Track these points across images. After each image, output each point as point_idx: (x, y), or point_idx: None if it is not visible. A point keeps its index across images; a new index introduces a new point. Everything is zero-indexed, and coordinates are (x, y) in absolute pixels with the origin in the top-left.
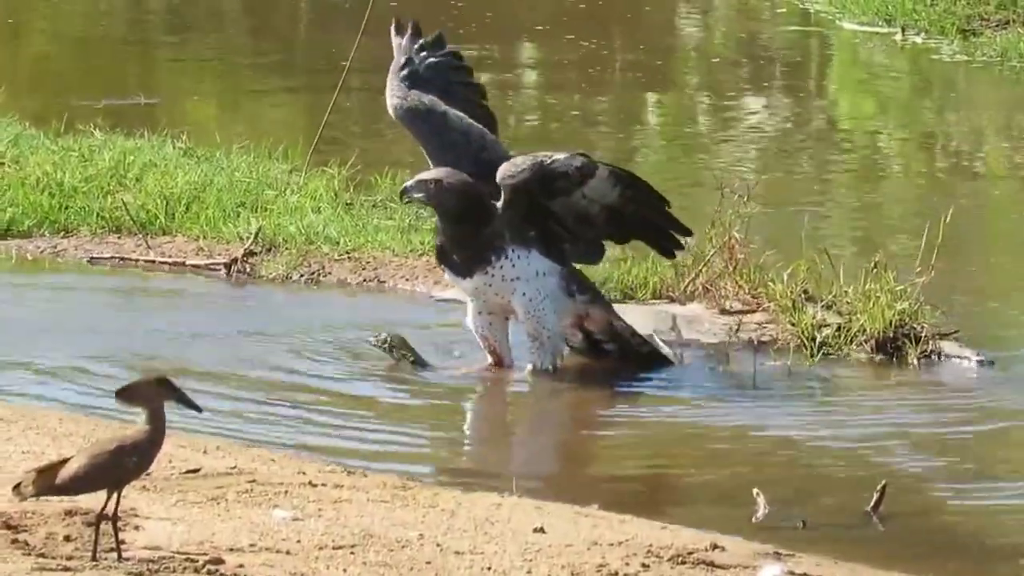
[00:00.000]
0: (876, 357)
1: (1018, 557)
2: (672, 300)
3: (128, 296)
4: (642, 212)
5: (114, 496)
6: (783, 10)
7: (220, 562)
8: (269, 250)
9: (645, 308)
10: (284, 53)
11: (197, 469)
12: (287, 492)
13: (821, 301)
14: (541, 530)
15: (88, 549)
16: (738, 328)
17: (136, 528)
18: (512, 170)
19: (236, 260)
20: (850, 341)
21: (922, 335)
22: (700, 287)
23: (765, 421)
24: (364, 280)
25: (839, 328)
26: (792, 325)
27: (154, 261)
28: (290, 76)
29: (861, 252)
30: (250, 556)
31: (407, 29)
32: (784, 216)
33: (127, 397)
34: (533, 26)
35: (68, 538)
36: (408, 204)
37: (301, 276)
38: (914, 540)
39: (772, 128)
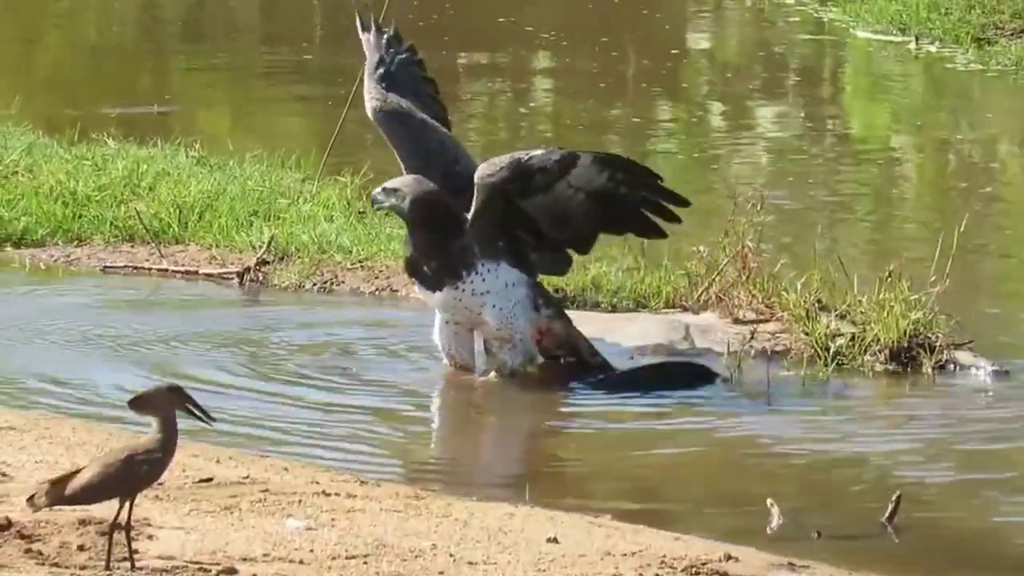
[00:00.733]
0: (890, 367)
1: None
2: (685, 309)
3: (140, 305)
4: (634, 191)
5: (127, 505)
6: (797, 18)
7: (233, 572)
8: (282, 259)
9: (658, 317)
10: (297, 62)
11: (210, 478)
12: (300, 502)
13: (835, 310)
14: (554, 540)
15: (101, 558)
16: (751, 337)
17: (149, 537)
18: (491, 169)
19: (249, 269)
20: (864, 351)
21: (937, 345)
22: (713, 296)
23: (779, 431)
24: (377, 289)
25: (853, 338)
26: (806, 335)
27: (167, 270)
28: (303, 85)
29: (875, 261)
30: (263, 566)
31: (371, 24)
32: (797, 225)
33: (139, 406)
34: (545, 33)
35: (82, 547)
36: (379, 212)
37: (314, 285)
38: (929, 551)
39: (785, 136)
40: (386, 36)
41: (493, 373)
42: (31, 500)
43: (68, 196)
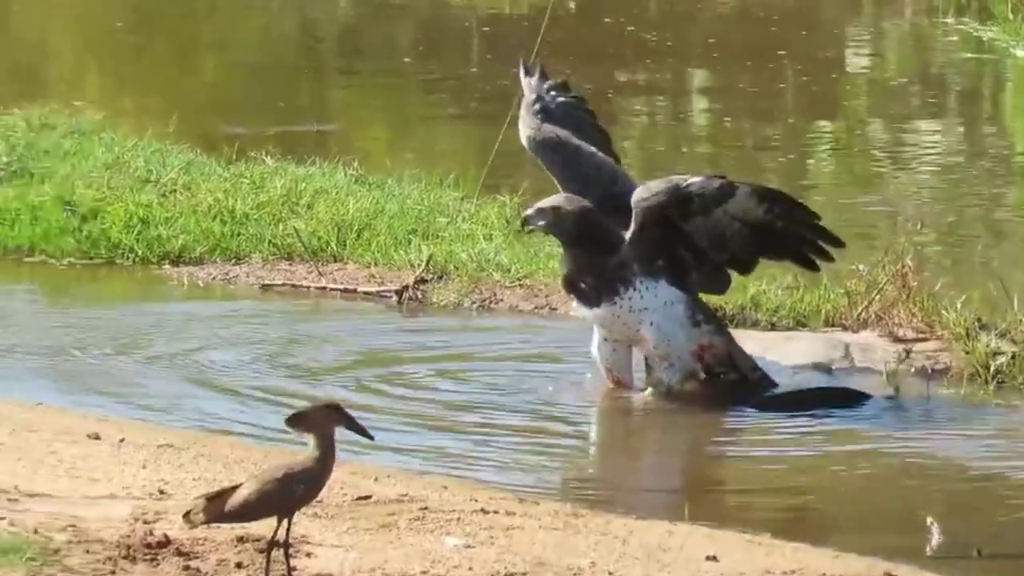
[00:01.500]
0: None
1: None
2: (845, 328)
3: (299, 323)
4: (791, 227)
5: (284, 523)
6: (956, 38)
7: None
8: (440, 277)
9: (817, 336)
10: (456, 80)
11: (368, 496)
12: (459, 519)
13: (995, 329)
14: (714, 558)
15: None
16: (908, 355)
17: (308, 555)
18: (646, 193)
19: (408, 287)
20: None
21: None
22: (873, 315)
23: (938, 450)
24: (536, 307)
25: (1013, 356)
26: (966, 353)
27: (326, 288)
28: (462, 103)
29: None
30: None
31: (535, 71)
32: (957, 243)
33: (298, 423)
34: (704, 52)
35: (239, 565)
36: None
37: (472, 303)
38: None
39: (946, 156)
40: (549, 82)
41: (650, 390)
42: (187, 516)
43: (226, 214)
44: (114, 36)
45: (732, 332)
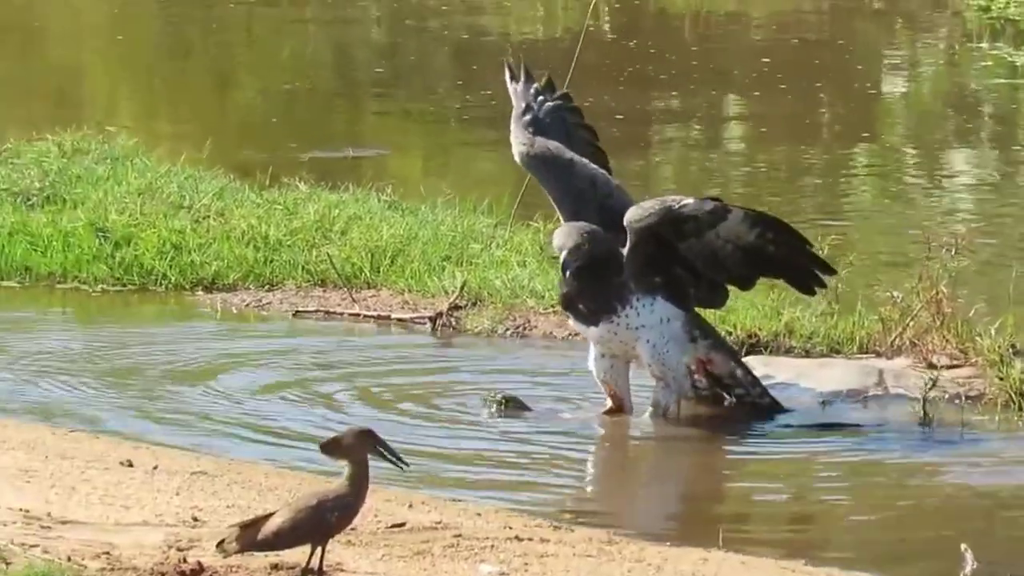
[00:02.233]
0: None
1: None
2: (879, 354)
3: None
4: (784, 252)
5: (318, 551)
6: (990, 63)
7: None
8: (474, 304)
9: (851, 362)
10: (489, 106)
11: (402, 523)
12: (493, 547)
13: None
14: None
15: None
16: (933, 383)
17: None
18: (640, 214)
19: (441, 314)
20: None
21: None
22: (907, 341)
23: (971, 477)
24: (569, 334)
25: None
26: (1000, 379)
27: (359, 315)
28: (495, 129)
29: None
30: None
31: (520, 74)
32: (992, 269)
33: (331, 450)
34: (739, 78)
35: None
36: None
37: (507, 330)
38: None
39: (980, 181)
40: (535, 85)
41: (648, 412)
42: (220, 545)
43: (260, 240)
44: (148, 61)
45: (766, 358)
